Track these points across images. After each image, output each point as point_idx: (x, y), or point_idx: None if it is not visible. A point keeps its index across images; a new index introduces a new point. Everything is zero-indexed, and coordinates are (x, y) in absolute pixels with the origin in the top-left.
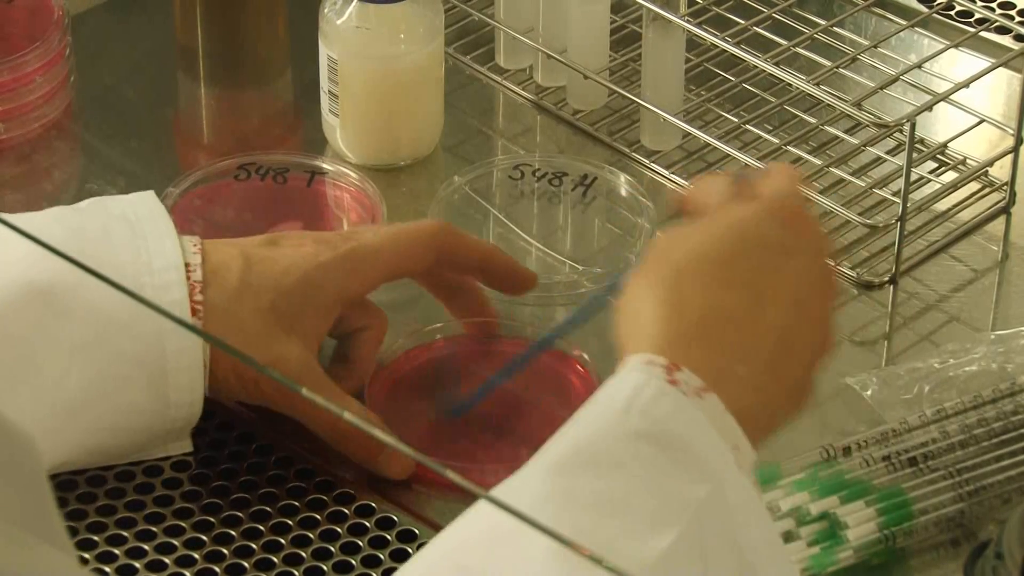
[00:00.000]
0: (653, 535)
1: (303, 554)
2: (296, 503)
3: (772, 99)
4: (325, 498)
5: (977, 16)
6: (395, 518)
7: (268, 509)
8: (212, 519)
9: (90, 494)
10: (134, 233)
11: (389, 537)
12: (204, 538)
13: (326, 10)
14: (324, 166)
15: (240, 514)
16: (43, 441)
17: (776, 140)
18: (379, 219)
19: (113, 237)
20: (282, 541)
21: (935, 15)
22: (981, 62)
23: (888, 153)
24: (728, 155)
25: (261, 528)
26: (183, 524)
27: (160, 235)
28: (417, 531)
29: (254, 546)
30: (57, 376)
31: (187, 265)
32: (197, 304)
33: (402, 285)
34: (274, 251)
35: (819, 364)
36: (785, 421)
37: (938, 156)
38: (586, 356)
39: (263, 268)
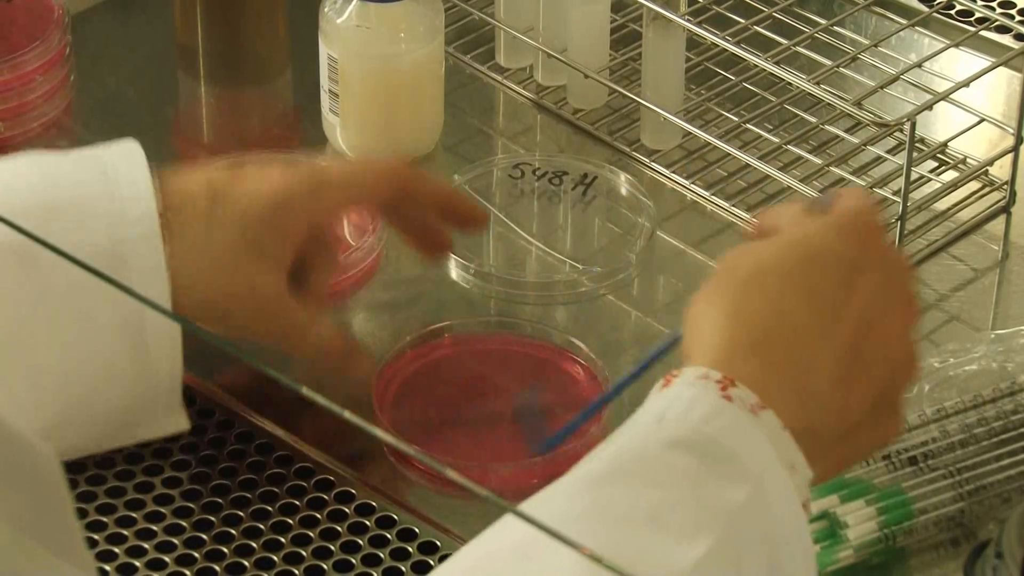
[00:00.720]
0: (688, 544)
1: (303, 552)
2: (296, 501)
3: (772, 98)
4: (325, 496)
5: (977, 15)
6: (395, 516)
7: (268, 508)
8: (212, 518)
9: (90, 493)
10: (106, 177)
11: (389, 536)
12: (204, 537)
13: (326, 9)
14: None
15: (240, 512)
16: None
17: (776, 139)
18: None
19: (85, 179)
20: (282, 540)
21: (935, 14)
22: (981, 61)
23: (888, 152)
24: (728, 154)
25: (261, 527)
26: (183, 523)
27: (130, 167)
28: (417, 530)
29: (254, 544)
30: (33, 336)
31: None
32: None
33: (404, 284)
34: (242, 178)
35: (904, 388)
36: (869, 446)
37: (938, 155)
38: (593, 354)
39: (232, 197)
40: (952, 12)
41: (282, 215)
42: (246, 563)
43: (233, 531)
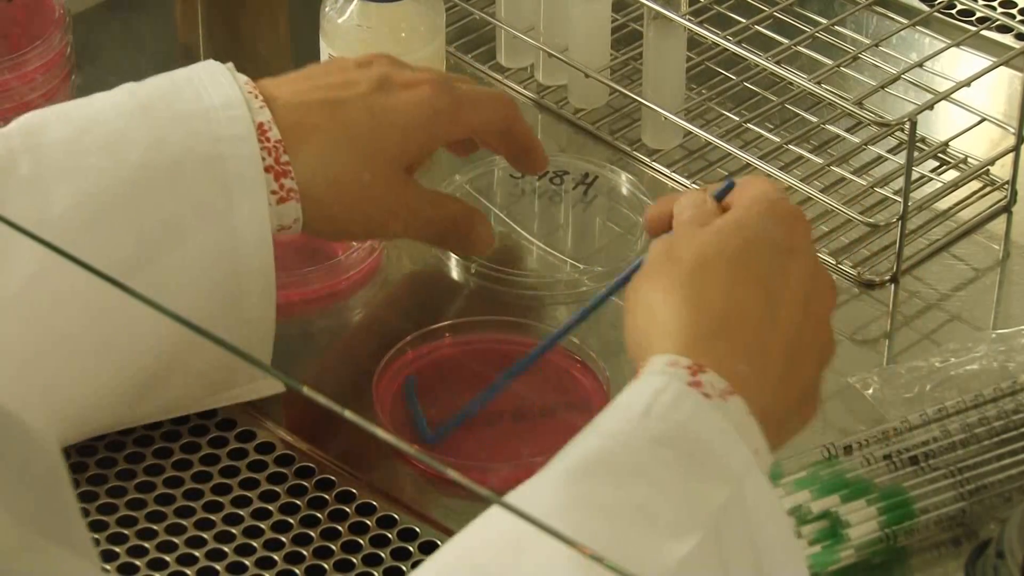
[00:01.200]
0: (673, 541)
1: (304, 552)
2: (297, 501)
3: (773, 98)
4: (326, 496)
5: (978, 15)
6: (396, 516)
7: (269, 507)
8: (213, 517)
9: (91, 493)
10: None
11: (390, 535)
12: (205, 536)
13: (327, 9)
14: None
15: (241, 512)
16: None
17: (777, 139)
18: None
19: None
20: (283, 539)
21: (936, 14)
22: (982, 61)
23: (889, 152)
24: (729, 154)
25: (262, 526)
26: (184, 523)
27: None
28: (418, 529)
29: (255, 544)
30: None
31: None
32: (285, 166)
33: (404, 283)
34: (394, 97)
35: (824, 367)
36: (799, 427)
37: (939, 155)
38: (593, 354)
39: (390, 119)
40: (953, 12)
41: (431, 139)
42: (247, 562)
43: (234, 530)
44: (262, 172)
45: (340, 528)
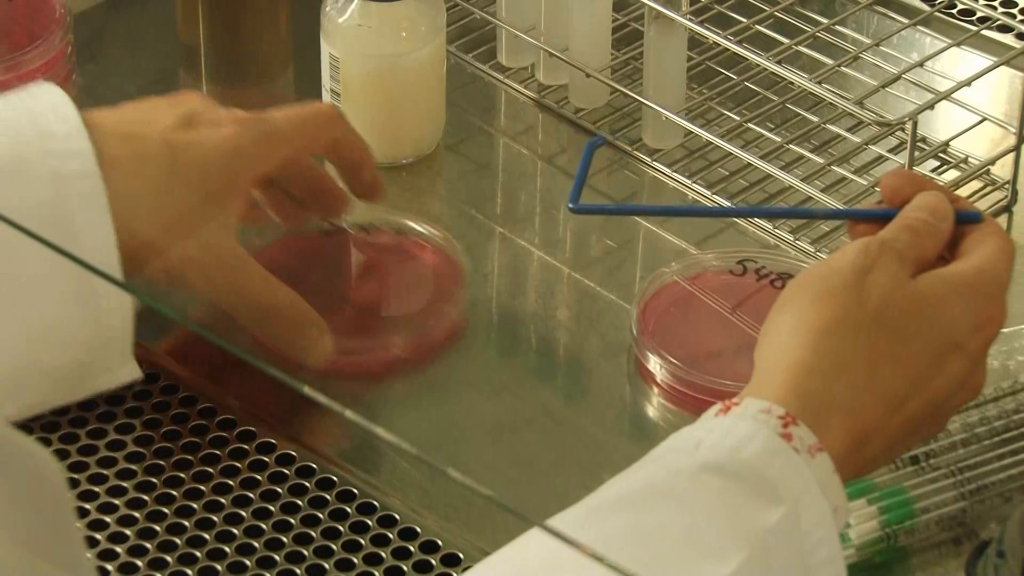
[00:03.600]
0: (718, 561)
1: (305, 551)
2: (298, 500)
3: (774, 97)
4: (327, 495)
5: (979, 15)
6: (397, 515)
7: (270, 507)
8: (214, 516)
9: (91, 492)
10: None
11: (391, 535)
12: (206, 536)
13: (328, 8)
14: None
15: (242, 511)
16: None
17: (778, 138)
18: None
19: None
20: (284, 538)
21: (937, 13)
22: (983, 60)
23: (890, 151)
24: (730, 153)
25: (263, 526)
26: (185, 523)
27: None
28: (419, 528)
29: (256, 544)
30: None
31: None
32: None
33: None
34: (195, 133)
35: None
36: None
37: (940, 154)
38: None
39: (189, 156)
40: (954, 11)
41: (236, 176)
42: (247, 562)
43: (235, 530)
44: (95, 165)
45: (341, 527)
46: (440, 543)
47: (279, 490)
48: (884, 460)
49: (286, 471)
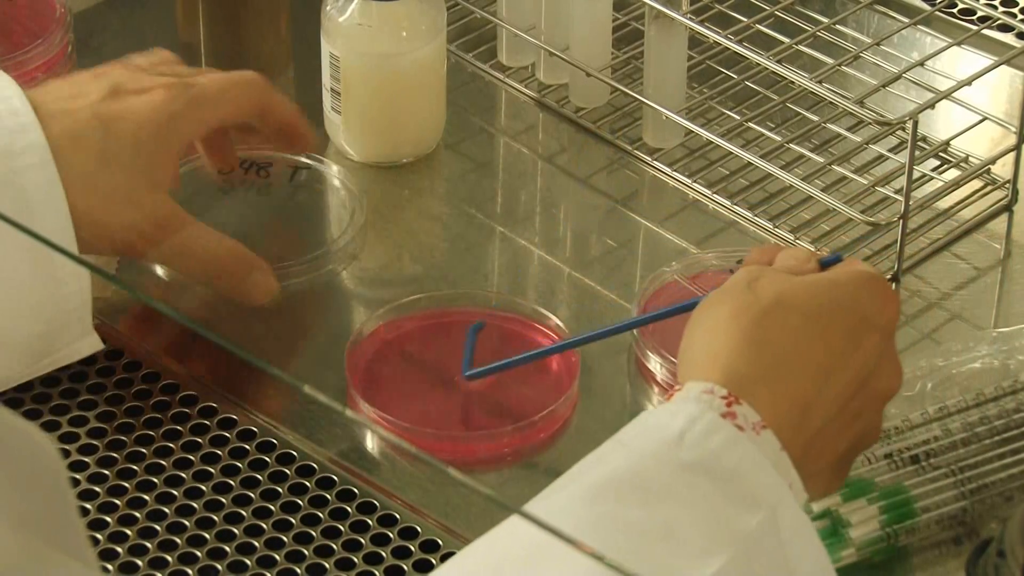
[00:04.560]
0: (700, 562)
1: (305, 551)
2: (298, 499)
3: (774, 97)
4: (327, 494)
5: (980, 14)
6: (397, 515)
7: (270, 506)
8: (215, 516)
9: (92, 492)
10: None
11: (391, 534)
12: (206, 535)
13: (328, 7)
14: (307, 161)
15: (242, 511)
16: None
17: (778, 138)
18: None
19: None
20: (284, 538)
21: (937, 13)
22: (983, 60)
23: (890, 151)
24: (730, 152)
25: (263, 525)
26: (185, 522)
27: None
28: (419, 528)
29: (256, 543)
30: None
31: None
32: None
33: (376, 258)
34: (123, 104)
35: (861, 451)
36: (814, 495)
37: (940, 154)
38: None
39: (120, 127)
40: (954, 11)
41: (169, 141)
42: (248, 561)
43: (235, 529)
44: (44, 138)
45: (341, 527)
46: (440, 542)
47: (279, 489)
48: (833, 441)
49: (286, 470)
